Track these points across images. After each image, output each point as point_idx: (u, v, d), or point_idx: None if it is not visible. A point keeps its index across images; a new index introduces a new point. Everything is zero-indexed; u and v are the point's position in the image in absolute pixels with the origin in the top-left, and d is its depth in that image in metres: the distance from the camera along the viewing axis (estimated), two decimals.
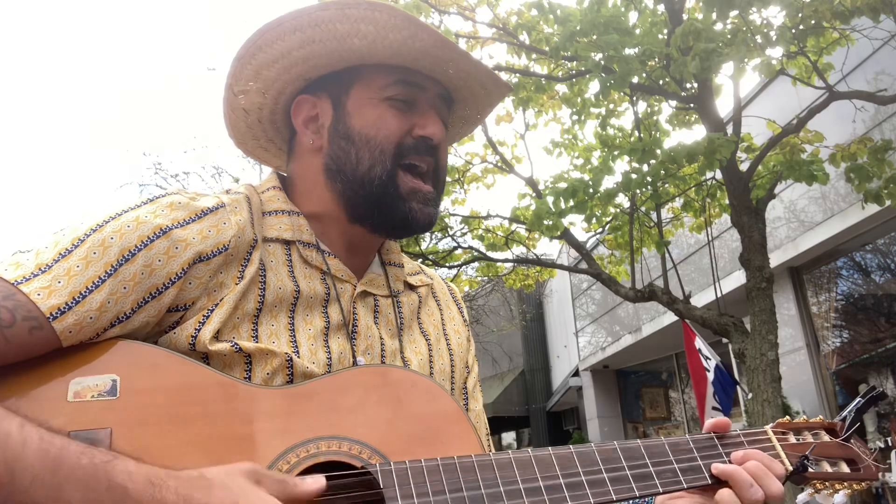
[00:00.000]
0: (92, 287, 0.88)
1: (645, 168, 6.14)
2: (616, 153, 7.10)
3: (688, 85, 6.72)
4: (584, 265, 8.15)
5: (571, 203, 6.23)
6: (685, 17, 6.21)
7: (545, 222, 6.28)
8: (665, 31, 6.60)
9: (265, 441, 0.88)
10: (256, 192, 1.13)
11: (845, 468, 1.08)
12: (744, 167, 6.62)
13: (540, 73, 7.37)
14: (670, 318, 10.98)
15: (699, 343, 7.34)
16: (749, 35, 5.12)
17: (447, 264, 9.40)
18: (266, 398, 0.92)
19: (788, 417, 1.14)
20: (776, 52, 5.62)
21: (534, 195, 7.98)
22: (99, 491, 0.73)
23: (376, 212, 1.10)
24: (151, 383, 0.88)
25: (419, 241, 9.17)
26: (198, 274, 0.97)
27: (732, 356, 6.72)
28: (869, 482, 1.07)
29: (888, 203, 5.93)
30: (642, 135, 7.45)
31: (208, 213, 1.00)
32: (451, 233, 9.54)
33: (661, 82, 6.67)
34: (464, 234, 9.62)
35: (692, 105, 6.87)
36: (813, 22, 5.34)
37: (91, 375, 0.86)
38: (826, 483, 1.06)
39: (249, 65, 1.11)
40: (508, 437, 24.68)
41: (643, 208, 7.72)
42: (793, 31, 5.37)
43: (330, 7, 1.04)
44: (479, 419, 1.28)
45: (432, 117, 1.13)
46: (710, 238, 8.18)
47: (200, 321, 0.95)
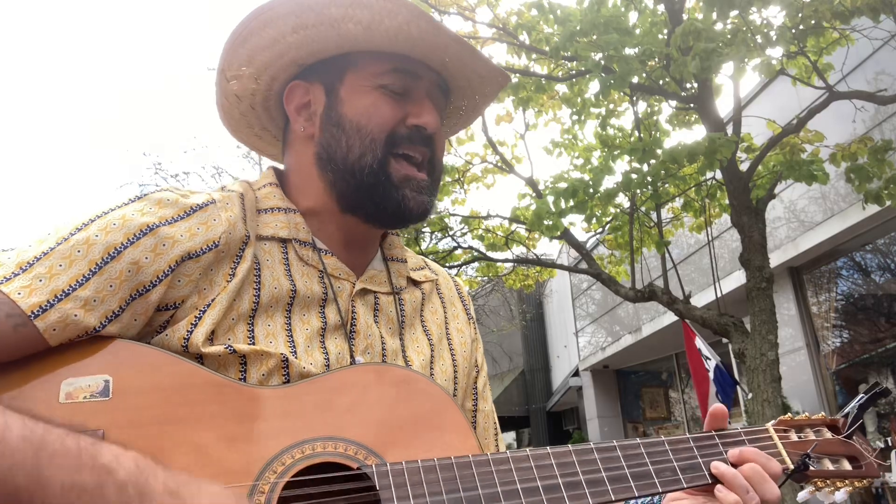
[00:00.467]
0: (76, 285, 0.87)
1: (645, 168, 6.13)
2: (616, 153, 7.09)
3: (688, 85, 6.71)
4: (584, 265, 8.14)
5: (571, 203, 6.22)
6: (685, 17, 6.21)
7: (545, 222, 6.27)
8: (665, 31, 6.59)
9: (260, 442, 0.87)
10: (252, 189, 1.11)
11: (847, 465, 1.07)
12: (744, 167, 6.61)
13: (540, 73, 7.36)
14: (670, 318, 10.97)
15: (699, 343, 7.33)
16: (749, 35, 5.11)
17: (447, 264, 9.39)
18: (261, 398, 0.91)
19: (790, 415, 1.12)
20: (776, 52, 5.62)
21: (534, 195, 7.97)
22: (82, 472, 0.71)
23: (368, 201, 1.08)
24: (145, 384, 0.86)
25: (419, 241, 9.17)
26: (187, 271, 0.95)
27: (732, 356, 6.71)
28: (871, 479, 1.06)
29: (888, 203, 5.92)
30: (642, 135, 7.44)
31: (197, 210, 0.98)
32: (451, 233, 9.53)
33: (661, 82, 6.66)
34: (464, 234, 9.61)
35: (692, 105, 6.86)
36: (813, 22, 5.33)
37: (83, 376, 0.84)
38: (827, 481, 1.04)
39: (242, 49, 1.08)
40: (508, 437, 24.66)
41: (643, 208, 7.71)
42: (793, 31, 5.36)
43: None
44: (489, 419, 1.25)
45: (427, 106, 1.10)
46: (710, 238, 8.17)
47: (192, 322, 0.93)
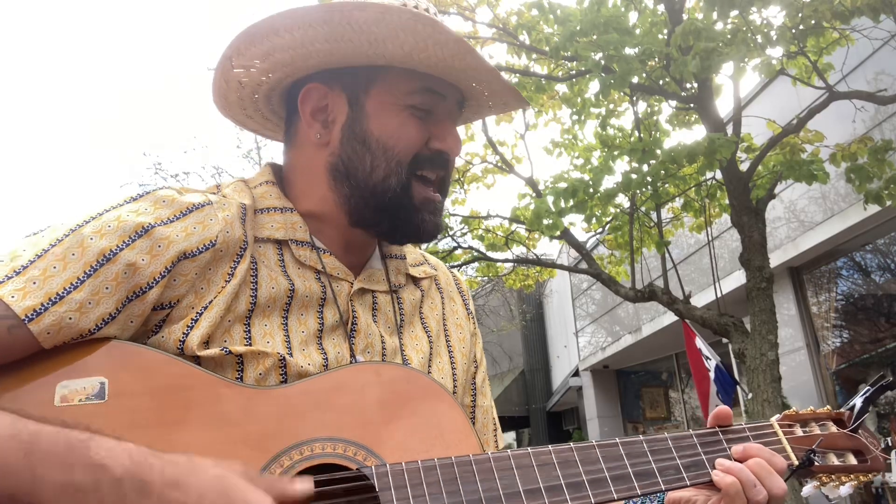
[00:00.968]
0: (70, 288, 0.85)
1: (645, 168, 6.12)
2: (616, 153, 7.08)
3: (688, 85, 6.70)
4: (584, 265, 8.13)
5: (571, 203, 6.21)
6: (685, 17, 6.20)
7: (545, 222, 6.27)
8: (665, 31, 6.59)
9: (258, 443, 0.86)
10: (249, 188, 1.09)
11: (852, 459, 1.05)
12: (744, 167, 6.61)
13: (540, 73, 7.35)
14: (670, 318, 10.95)
15: (699, 343, 7.33)
16: (749, 35, 5.10)
17: (447, 264, 9.37)
18: (259, 399, 0.89)
19: (795, 410, 1.10)
20: (776, 52, 5.61)
21: (534, 195, 7.96)
22: (76, 471, 0.70)
23: (386, 221, 1.07)
24: (140, 385, 0.85)
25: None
26: (183, 271, 0.94)
27: (732, 356, 6.70)
28: (876, 473, 1.04)
29: (888, 203, 5.92)
30: (642, 135, 7.43)
31: (194, 210, 0.97)
32: (451, 233, 9.52)
33: (661, 82, 6.66)
34: (464, 234, 9.60)
35: (692, 105, 6.85)
36: (813, 22, 5.32)
37: (78, 378, 0.83)
38: (832, 475, 1.03)
39: (261, 44, 1.04)
40: (508, 437, 24.65)
41: (643, 208, 7.70)
42: (793, 31, 5.36)
43: (368, 9, 0.97)
44: (488, 415, 1.24)
45: (450, 130, 1.09)
46: (710, 238, 8.16)
47: (188, 325, 0.92)
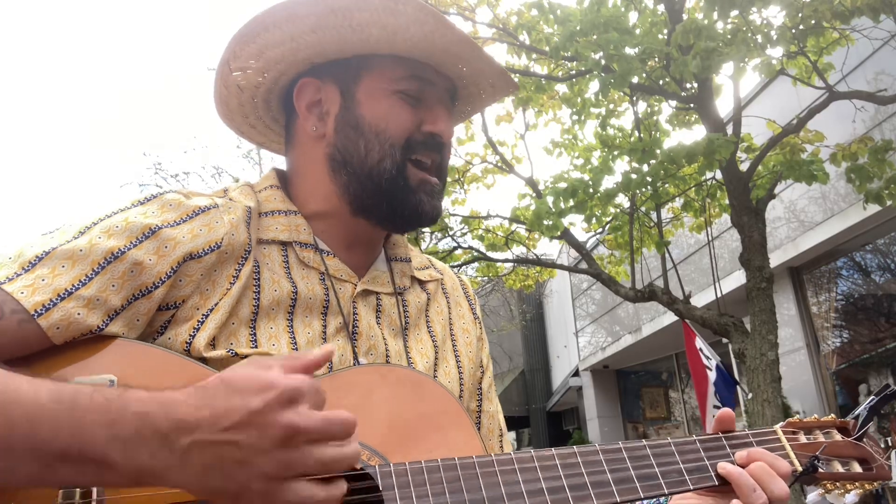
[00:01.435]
0: (78, 284, 0.87)
1: (645, 168, 6.12)
2: (616, 153, 7.10)
3: (688, 85, 6.71)
4: (584, 265, 8.14)
5: (571, 203, 6.21)
6: (685, 17, 6.21)
7: (545, 222, 6.27)
8: (665, 31, 6.59)
9: None
10: (254, 192, 1.11)
11: (857, 468, 1.06)
12: (744, 167, 6.61)
13: (540, 73, 7.36)
14: (670, 318, 10.96)
15: (699, 343, 7.33)
16: (749, 35, 5.11)
17: (447, 264, 9.37)
18: None
19: (799, 417, 1.11)
20: (776, 52, 5.62)
21: (534, 195, 7.97)
22: (122, 423, 0.70)
23: (385, 204, 1.08)
24: (149, 383, 0.84)
25: (419, 242, 9.16)
26: (189, 272, 0.95)
27: (732, 356, 6.71)
28: (881, 482, 1.05)
29: (889, 203, 5.92)
30: (642, 135, 7.44)
31: (200, 213, 0.99)
32: (451, 233, 9.53)
33: (661, 82, 6.66)
34: (464, 234, 9.61)
35: (692, 105, 6.86)
36: (813, 22, 5.33)
37: (87, 375, 0.84)
38: (837, 483, 1.04)
39: (253, 43, 1.07)
40: (508, 437, 24.67)
41: (643, 208, 7.71)
42: (793, 31, 5.36)
43: None
44: (494, 420, 1.24)
45: (442, 114, 1.11)
46: (710, 238, 8.16)
47: (195, 327, 0.93)
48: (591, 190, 6.25)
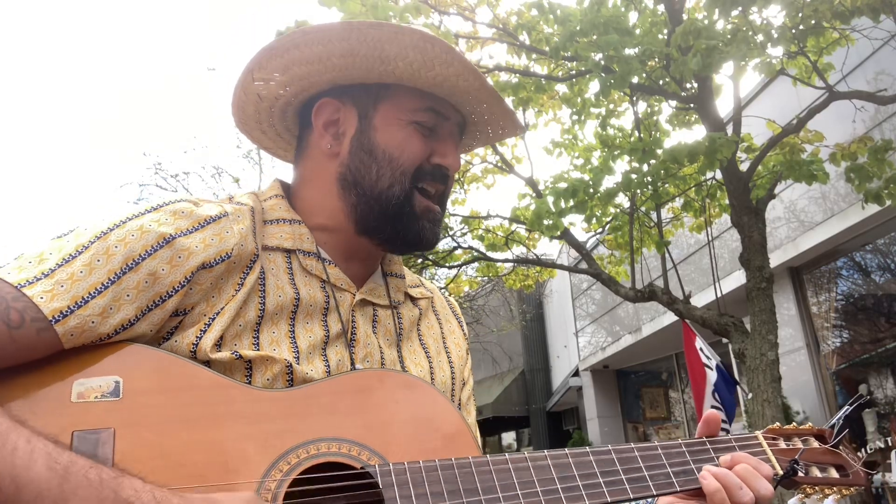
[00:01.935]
0: (94, 293, 0.89)
1: (645, 168, 6.14)
2: (616, 153, 7.11)
3: (688, 85, 6.72)
4: (584, 265, 8.15)
5: (571, 203, 6.23)
6: (685, 17, 6.21)
7: (545, 222, 6.28)
8: (665, 31, 6.60)
9: (266, 442, 0.90)
10: (259, 200, 1.15)
11: (835, 474, 1.11)
12: (744, 167, 6.63)
13: (540, 73, 7.37)
14: (670, 318, 10.98)
15: (699, 343, 7.34)
16: (749, 34, 5.12)
17: (447, 264, 9.40)
18: (267, 400, 0.93)
19: (778, 425, 1.17)
20: (776, 52, 5.63)
21: (534, 195, 7.98)
22: None
23: (390, 227, 1.13)
24: (154, 385, 0.89)
25: None
26: (200, 281, 0.98)
27: (732, 356, 6.72)
28: (857, 487, 1.09)
29: (888, 203, 5.93)
30: (642, 135, 7.45)
31: (211, 223, 1.02)
32: (451, 233, 9.55)
33: (661, 82, 6.67)
34: (464, 234, 9.63)
35: (692, 105, 6.87)
36: (813, 22, 5.34)
37: (94, 377, 0.87)
38: (816, 488, 1.08)
39: (281, 58, 1.11)
40: (508, 437, 24.67)
41: (643, 208, 7.72)
42: (793, 31, 5.37)
43: (383, 28, 1.06)
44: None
45: (452, 148, 1.17)
46: (710, 238, 8.18)
47: (202, 329, 0.96)
48: (591, 190, 6.26)
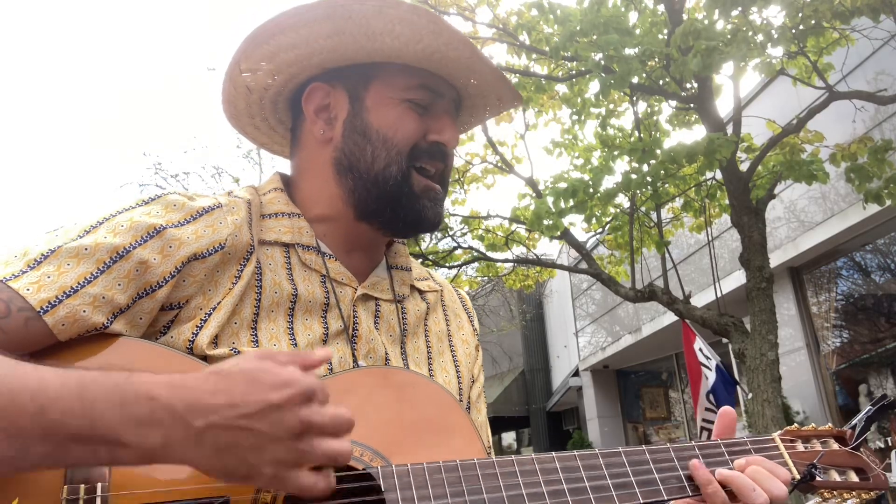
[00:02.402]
0: (84, 282, 0.88)
1: (645, 168, 6.13)
2: (616, 153, 7.09)
3: (688, 85, 6.71)
4: (584, 265, 8.14)
5: (571, 203, 6.22)
6: (685, 17, 6.21)
7: (545, 222, 6.27)
8: (665, 31, 6.59)
9: None
10: (258, 194, 1.12)
11: (854, 477, 1.07)
12: (744, 167, 6.62)
13: (540, 73, 7.36)
14: (670, 318, 10.97)
15: (699, 343, 7.33)
16: (749, 34, 5.11)
17: (447, 264, 9.39)
18: None
19: (796, 426, 1.13)
20: (776, 52, 5.62)
21: (534, 195, 7.97)
22: (134, 404, 0.72)
23: (389, 209, 1.09)
24: None
25: (419, 241, 9.16)
26: (193, 272, 0.96)
27: (732, 356, 6.71)
28: (878, 491, 1.06)
29: (888, 203, 5.93)
30: (642, 135, 7.44)
31: (204, 214, 1.00)
32: (451, 233, 9.53)
33: (661, 82, 6.66)
34: (464, 235, 9.61)
35: (692, 105, 6.86)
36: (813, 22, 5.34)
37: None
38: (834, 492, 1.04)
39: (266, 45, 1.08)
40: (508, 438, 24.66)
41: (643, 208, 7.71)
42: (793, 31, 5.37)
43: (368, 2, 1.02)
44: (482, 430, 1.24)
45: (448, 124, 1.13)
46: (710, 238, 8.17)
47: (198, 325, 0.95)
48: (591, 190, 6.25)
